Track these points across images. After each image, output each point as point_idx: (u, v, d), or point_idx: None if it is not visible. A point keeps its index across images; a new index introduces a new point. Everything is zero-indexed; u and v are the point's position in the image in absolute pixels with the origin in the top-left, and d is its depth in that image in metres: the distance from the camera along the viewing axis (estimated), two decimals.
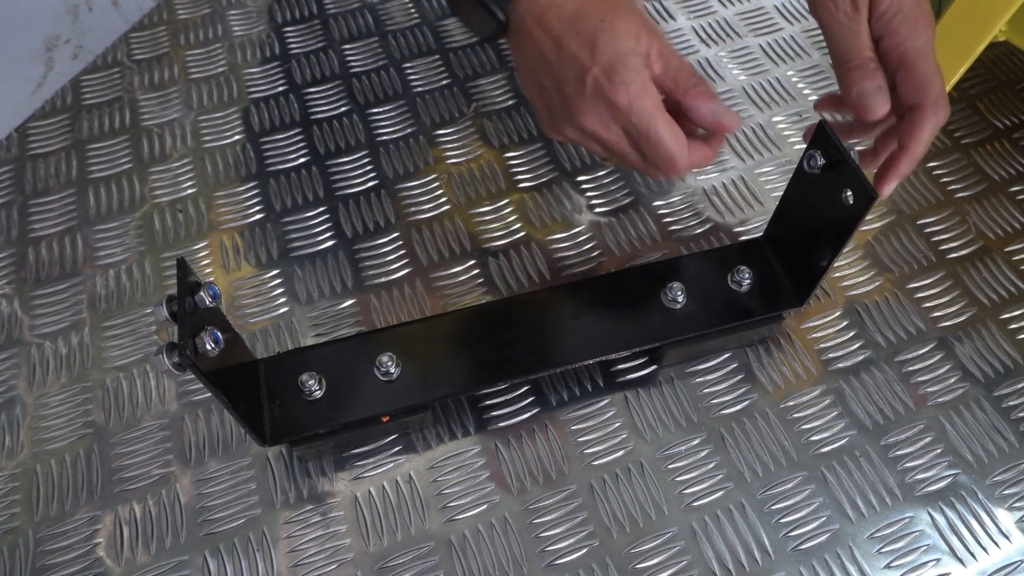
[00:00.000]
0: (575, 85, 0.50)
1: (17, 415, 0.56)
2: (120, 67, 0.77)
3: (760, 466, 0.54)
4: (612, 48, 0.49)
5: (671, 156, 0.50)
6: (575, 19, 0.50)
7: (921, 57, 0.49)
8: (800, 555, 0.51)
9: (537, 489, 0.53)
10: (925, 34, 0.49)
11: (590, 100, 0.50)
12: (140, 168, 0.69)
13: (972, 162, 0.70)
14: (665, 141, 0.49)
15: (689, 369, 0.58)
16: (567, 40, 0.50)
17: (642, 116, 0.49)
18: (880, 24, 0.50)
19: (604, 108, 0.50)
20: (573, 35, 0.50)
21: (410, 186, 0.68)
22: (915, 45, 0.49)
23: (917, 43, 0.49)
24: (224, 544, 0.51)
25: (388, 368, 0.51)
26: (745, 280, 0.55)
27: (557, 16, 0.51)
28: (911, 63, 0.49)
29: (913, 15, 0.49)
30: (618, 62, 0.49)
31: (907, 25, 0.49)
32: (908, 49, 0.49)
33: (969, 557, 0.51)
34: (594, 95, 0.50)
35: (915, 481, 0.53)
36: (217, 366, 0.43)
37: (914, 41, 0.49)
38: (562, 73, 0.51)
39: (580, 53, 0.50)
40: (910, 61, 0.49)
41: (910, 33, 0.49)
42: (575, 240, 0.65)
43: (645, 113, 0.49)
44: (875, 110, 0.50)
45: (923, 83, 0.49)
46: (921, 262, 0.63)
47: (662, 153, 0.50)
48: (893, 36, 0.49)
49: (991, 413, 0.56)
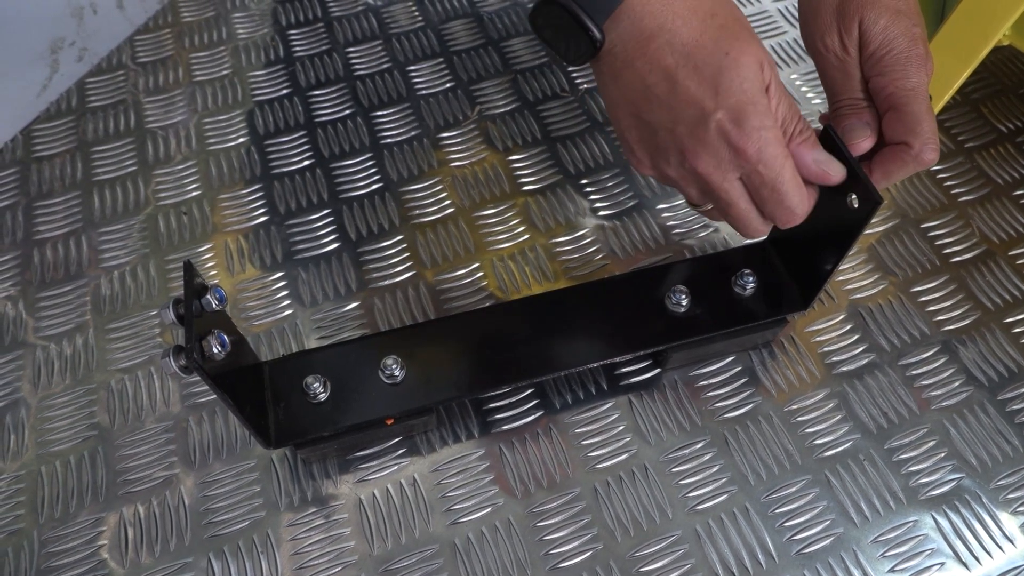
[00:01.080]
0: (692, 127, 0.45)
1: (22, 417, 0.56)
2: (125, 70, 0.77)
3: (764, 469, 0.54)
4: (739, 88, 0.43)
5: (792, 209, 0.46)
6: (693, 51, 0.44)
7: (911, 99, 0.47)
8: (804, 559, 0.51)
9: (541, 492, 0.53)
10: (917, 75, 0.47)
11: (711, 145, 0.45)
12: (144, 170, 0.70)
13: (976, 166, 0.70)
14: (791, 194, 0.46)
15: (693, 372, 0.58)
16: (684, 76, 0.44)
17: (772, 166, 0.44)
18: (870, 64, 0.48)
19: (727, 154, 0.45)
20: (691, 71, 0.44)
21: (414, 189, 0.68)
22: (905, 86, 0.47)
23: (907, 84, 0.47)
24: (228, 546, 0.51)
25: (392, 371, 0.51)
26: (749, 284, 0.55)
27: (669, 46, 0.44)
28: (900, 104, 0.47)
29: (905, 56, 0.47)
30: (748, 106, 0.43)
31: (898, 65, 0.47)
32: (897, 90, 0.47)
33: (973, 561, 0.51)
34: (718, 139, 0.44)
35: (919, 485, 0.53)
36: (223, 369, 0.43)
37: (904, 82, 0.47)
38: (676, 112, 0.45)
39: (701, 93, 0.44)
40: (899, 102, 0.47)
41: (901, 74, 0.47)
42: (579, 243, 0.65)
43: (775, 164, 0.44)
44: (859, 143, 0.48)
45: (912, 125, 0.47)
46: (925, 266, 0.64)
47: (786, 205, 0.46)
48: (883, 76, 0.48)
49: (995, 417, 0.56)
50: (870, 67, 0.48)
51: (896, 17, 0.47)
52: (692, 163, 0.46)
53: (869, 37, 0.47)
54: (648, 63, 0.45)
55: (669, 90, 0.45)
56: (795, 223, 0.48)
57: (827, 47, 0.49)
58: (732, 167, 0.45)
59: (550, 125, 0.73)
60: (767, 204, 0.47)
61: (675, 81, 0.44)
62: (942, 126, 0.72)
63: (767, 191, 0.46)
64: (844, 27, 0.48)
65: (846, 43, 0.48)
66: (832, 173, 0.47)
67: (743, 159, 0.44)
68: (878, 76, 0.48)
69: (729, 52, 0.44)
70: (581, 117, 0.73)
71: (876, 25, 0.47)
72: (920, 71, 0.47)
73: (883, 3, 0.47)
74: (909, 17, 0.47)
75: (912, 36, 0.47)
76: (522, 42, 0.79)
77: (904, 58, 0.47)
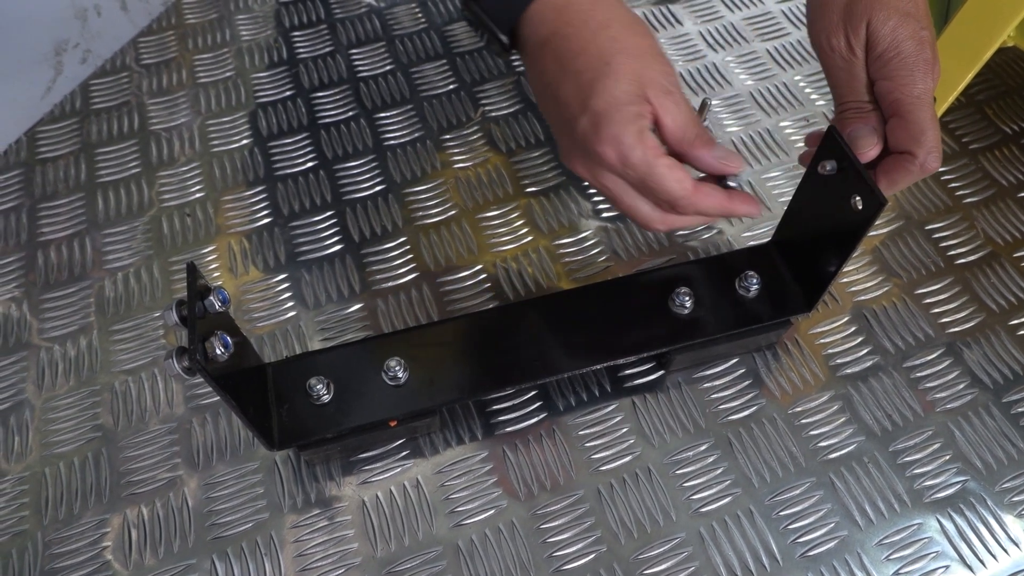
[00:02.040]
0: (567, 129, 0.48)
1: (26, 418, 0.56)
2: (128, 71, 0.77)
3: (768, 472, 0.54)
4: (608, 96, 0.45)
5: (677, 199, 0.46)
6: (578, 57, 0.46)
7: (917, 107, 0.46)
8: (808, 561, 0.51)
9: (544, 494, 0.53)
10: (923, 81, 0.46)
11: (579, 147, 0.47)
12: (148, 172, 0.70)
13: (980, 167, 0.69)
14: (670, 189, 0.46)
15: (697, 374, 0.58)
16: (565, 81, 0.47)
17: (638, 168, 0.45)
18: (877, 67, 0.48)
19: (593, 156, 0.46)
20: (572, 76, 0.46)
21: (417, 190, 0.68)
22: (911, 92, 0.46)
23: (914, 91, 0.46)
24: (232, 548, 0.51)
25: (396, 373, 0.51)
26: (753, 285, 0.55)
27: (558, 51, 0.47)
28: (905, 112, 0.47)
29: (912, 60, 0.46)
30: (611, 114, 0.45)
31: (905, 71, 0.46)
32: (903, 97, 0.46)
33: (978, 564, 0.51)
34: (583, 143, 0.46)
35: (924, 487, 0.53)
36: (226, 371, 0.43)
37: (911, 88, 0.46)
38: (560, 113, 0.48)
39: (573, 98, 0.46)
40: (904, 110, 0.47)
41: (907, 80, 0.46)
42: (582, 245, 0.65)
43: (641, 166, 0.45)
44: (865, 152, 0.48)
45: (916, 134, 0.46)
46: (929, 267, 0.63)
47: (669, 197, 0.47)
48: (889, 81, 0.47)
49: (1000, 419, 0.56)
50: (876, 69, 0.47)
51: (905, 19, 0.46)
52: (571, 162, 0.49)
53: (877, 39, 0.47)
54: (544, 65, 0.48)
55: (555, 92, 0.47)
56: (689, 212, 0.48)
57: (832, 47, 0.48)
58: (601, 168, 0.47)
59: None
60: (655, 196, 0.47)
61: (558, 84, 0.47)
62: (947, 127, 0.72)
63: (645, 188, 0.47)
64: (851, 28, 0.47)
65: (852, 44, 0.48)
66: (732, 164, 0.48)
67: (606, 162, 0.46)
68: (884, 80, 0.47)
69: (610, 63, 0.45)
70: None
71: (884, 27, 0.46)
72: (927, 76, 0.46)
73: (892, 4, 0.46)
74: (918, 20, 0.47)
75: (920, 39, 0.46)
76: None
77: (911, 63, 0.46)
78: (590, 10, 0.48)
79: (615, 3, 0.49)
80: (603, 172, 0.47)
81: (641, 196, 0.48)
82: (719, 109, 0.74)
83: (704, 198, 0.47)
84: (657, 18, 0.82)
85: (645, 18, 0.81)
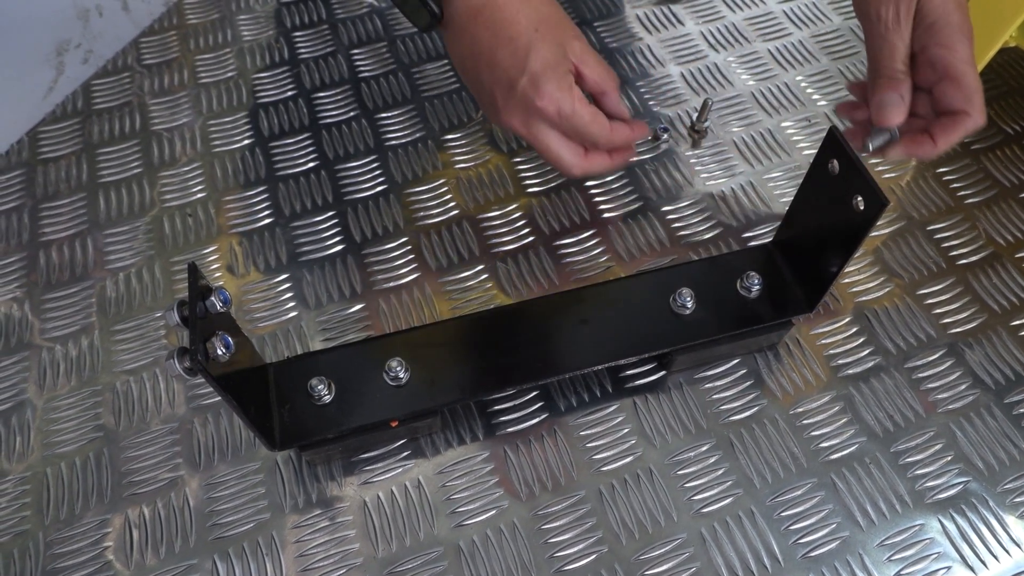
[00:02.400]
0: (505, 89, 0.54)
1: (27, 418, 0.56)
2: (130, 71, 0.77)
3: (769, 472, 0.54)
4: (542, 59, 0.53)
5: (598, 139, 0.56)
6: (510, 25, 0.54)
7: (968, 69, 0.51)
8: (810, 562, 0.50)
9: (546, 495, 0.53)
10: (967, 46, 0.51)
11: (519, 105, 0.54)
12: (150, 172, 0.70)
13: (982, 168, 0.69)
14: (596, 134, 0.55)
15: (698, 375, 0.58)
16: (500, 45, 0.54)
17: (571, 115, 0.54)
18: (928, 35, 0.52)
19: (533, 112, 0.54)
20: (506, 41, 0.54)
21: (419, 190, 0.68)
22: (961, 56, 0.51)
23: (964, 54, 0.51)
24: (233, 548, 0.51)
25: (397, 373, 0.51)
26: (754, 286, 0.55)
27: (491, 19, 0.55)
28: (958, 75, 0.51)
29: (958, 27, 0.51)
30: (547, 73, 0.53)
31: (953, 37, 0.51)
32: (955, 61, 0.51)
33: (980, 565, 0.51)
34: (523, 101, 0.54)
35: (925, 488, 0.53)
36: (228, 371, 0.43)
37: (961, 52, 0.51)
38: (495, 75, 0.55)
39: (511, 61, 0.53)
40: (957, 72, 0.51)
41: (956, 44, 0.51)
42: (584, 245, 0.65)
43: (574, 117, 0.54)
44: (892, 119, 0.53)
45: (970, 94, 0.51)
46: (931, 268, 0.63)
47: (594, 141, 0.56)
48: (939, 47, 0.51)
49: (1002, 420, 0.56)
50: (928, 38, 0.51)
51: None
52: (507, 119, 0.56)
53: (928, 9, 0.51)
54: (476, 32, 0.55)
55: (490, 57, 0.54)
56: (606, 149, 0.58)
57: (880, 16, 0.52)
58: (538, 121, 0.55)
59: None
60: (581, 139, 0.56)
61: (494, 49, 0.54)
62: None
63: (575, 133, 0.55)
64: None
65: (900, 14, 0.51)
66: (625, 112, 0.59)
67: (546, 116, 0.54)
68: (936, 47, 0.51)
69: (539, 28, 0.54)
70: None
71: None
72: (970, 41, 0.52)
73: None
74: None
75: (963, 10, 0.52)
76: None
77: (958, 29, 0.51)
78: None
79: None
80: (539, 124, 0.55)
81: (566, 144, 0.56)
82: (720, 109, 0.74)
83: (617, 134, 0.57)
84: (659, 18, 0.82)
85: (647, 18, 0.81)
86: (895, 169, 0.69)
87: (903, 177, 0.69)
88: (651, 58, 0.78)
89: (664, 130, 0.71)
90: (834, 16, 0.82)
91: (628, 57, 0.78)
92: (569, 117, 0.54)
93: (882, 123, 0.53)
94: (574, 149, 0.57)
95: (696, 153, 0.71)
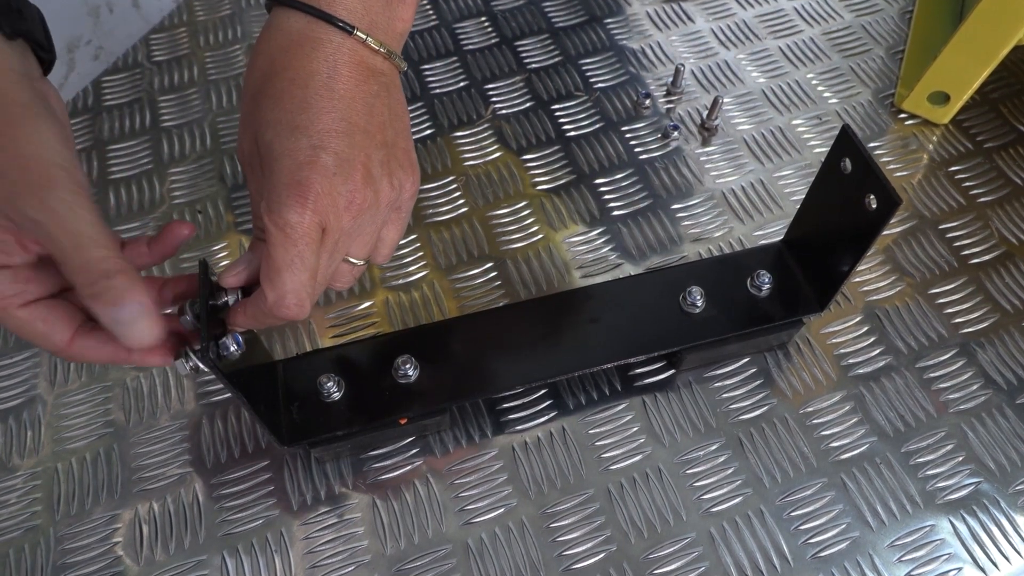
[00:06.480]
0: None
1: (38, 414, 0.56)
2: (140, 68, 0.78)
3: (779, 472, 0.54)
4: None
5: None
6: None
7: (278, 239, 0.38)
8: (819, 563, 0.50)
9: (554, 493, 0.53)
10: (293, 211, 0.37)
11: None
12: (160, 169, 0.70)
13: (995, 166, 0.69)
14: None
15: (707, 374, 0.58)
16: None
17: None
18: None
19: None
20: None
21: (428, 188, 0.68)
22: (274, 220, 0.38)
23: (276, 218, 0.38)
24: (242, 544, 0.51)
25: (406, 370, 0.51)
26: (765, 285, 0.55)
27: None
28: (267, 240, 0.39)
29: (284, 182, 0.38)
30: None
31: (274, 193, 0.38)
32: (267, 223, 0.38)
33: (991, 566, 0.50)
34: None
35: (936, 489, 0.53)
36: (237, 368, 0.43)
37: (275, 216, 0.38)
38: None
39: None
40: (267, 238, 0.39)
41: (275, 204, 0.38)
42: (594, 243, 0.65)
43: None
44: (223, 278, 0.42)
45: (268, 271, 0.39)
46: (943, 267, 0.63)
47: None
48: (264, 201, 0.38)
49: (1014, 420, 0.55)
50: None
51: (291, 133, 0.38)
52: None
53: (261, 152, 0.39)
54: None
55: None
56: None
57: (242, 152, 0.41)
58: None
59: (564, 124, 0.72)
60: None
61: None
62: (961, 126, 0.72)
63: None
64: (252, 135, 0.40)
65: (254, 153, 0.40)
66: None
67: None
68: (263, 200, 0.39)
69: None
70: (595, 116, 0.73)
71: (262, 138, 0.39)
72: (301, 205, 0.37)
73: (281, 111, 0.39)
74: (309, 136, 0.38)
75: (300, 162, 0.38)
76: (536, 41, 0.79)
77: (283, 184, 0.38)
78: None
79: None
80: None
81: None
82: (731, 107, 0.73)
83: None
84: (669, 15, 0.81)
85: (656, 15, 0.81)
86: (907, 168, 0.69)
87: (915, 176, 0.69)
88: (661, 55, 0.78)
89: (674, 127, 0.70)
90: (845, 13, 0.81)
91: (638, 54, 0.78)
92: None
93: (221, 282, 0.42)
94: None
95: (706, 151, 0.70)
